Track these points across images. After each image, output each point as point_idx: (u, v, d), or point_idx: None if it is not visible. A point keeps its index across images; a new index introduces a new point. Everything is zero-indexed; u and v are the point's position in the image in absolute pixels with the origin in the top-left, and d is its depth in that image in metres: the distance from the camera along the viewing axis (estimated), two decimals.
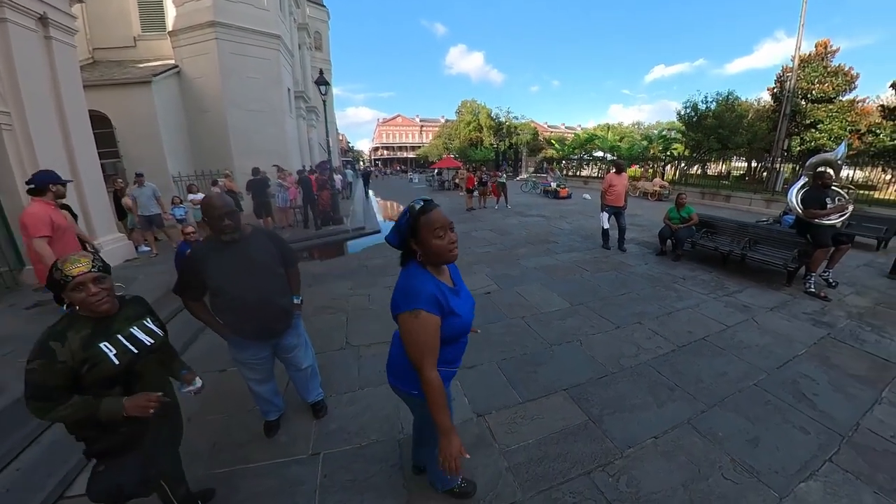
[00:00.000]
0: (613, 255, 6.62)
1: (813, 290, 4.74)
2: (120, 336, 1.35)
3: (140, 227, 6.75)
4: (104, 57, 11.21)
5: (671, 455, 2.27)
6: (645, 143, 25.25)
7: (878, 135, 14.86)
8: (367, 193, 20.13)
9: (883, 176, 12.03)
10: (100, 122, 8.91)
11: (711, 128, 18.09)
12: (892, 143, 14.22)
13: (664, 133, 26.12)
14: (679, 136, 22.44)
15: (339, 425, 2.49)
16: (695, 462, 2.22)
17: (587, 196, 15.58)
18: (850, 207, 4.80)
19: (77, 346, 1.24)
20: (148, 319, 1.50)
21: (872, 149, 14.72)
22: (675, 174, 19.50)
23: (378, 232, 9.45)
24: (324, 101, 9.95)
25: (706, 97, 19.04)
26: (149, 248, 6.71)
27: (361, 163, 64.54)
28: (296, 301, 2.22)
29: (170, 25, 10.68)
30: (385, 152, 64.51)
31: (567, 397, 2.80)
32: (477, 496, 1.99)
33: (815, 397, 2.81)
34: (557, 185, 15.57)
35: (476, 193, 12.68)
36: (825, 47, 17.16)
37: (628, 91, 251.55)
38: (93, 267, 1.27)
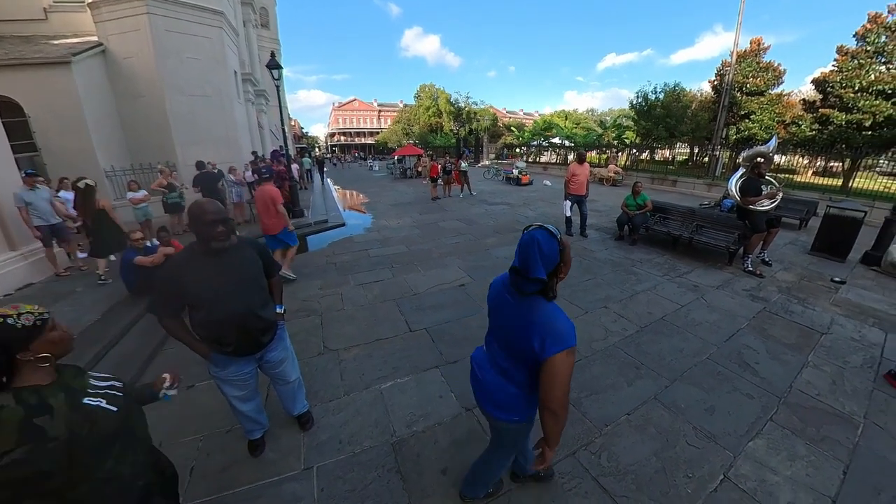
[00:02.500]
0: (577, 242, 6.95)
1: (751, 268, 5.32)
2: (89, 389, 1.13)
3: (44, 242, 5.18)
4: (7, 31, 9.74)
5: (643, 429, 2.51)
6: (599, 130, 26.42)
7: (800, 126, 16.63)
8: (323, 182, 19.50)
9: (802, 161, 13.60)
10: (9, 110, 7.79)
11: (660, 117, 19.40)
12: (811, 133, 15.99)
13: (618, 121, 27.45)
14: (631, 123, 23.67)
15: (330, 435, 2.46)
16: (663, 433, 2.47)
17: (548, 182, 16.09)
18: (780, 195, 5.39)
19: (67, 412, 1.01)
20: (89, 374, 1.24)
21: (795, 138, 16.46)
22: (627, 160, 20.68)
23: (342, 225, 9.16)
24: (277, 87, 9.31)
25: (655, 88, 20.31)
26: (86, 254, 6.05)
27: (317, 149, 61.70)
28: (279, 310, 2.14)
29: None
30: (342, 138, 62.00)
31: None
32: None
33: (757, 365, 3.20)
34: (519, 173, 15.90)
35: (440, 182, 12.65)
36: (758, 44, 18.77)
37: (582, 78, 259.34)
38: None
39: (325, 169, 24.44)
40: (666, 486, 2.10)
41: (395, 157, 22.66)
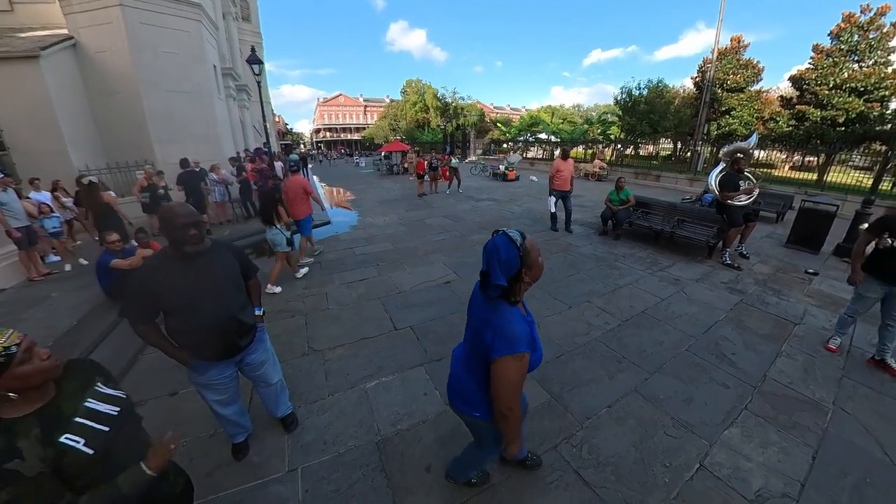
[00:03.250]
0: (561, 237, 7.03)
1: (729, 261, 5.47)
2: (78, 419, 1.04)
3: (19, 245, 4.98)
4: None
5: (623, 421, 2.57)
6: (585, 126, 26.67)
7: (777, 122, 17.10)
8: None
9: (780, 156, 14.00)
10: None
11: (644, 113, 19.68)
12: (788, 129, 16.46)
13: (603, 117, 27.76)
14: (616, 119, 23.96)
15: (314, 436, 2.45)
16: (642, 424, 2.53)
17: (534, 178, 16.19)
18: (757, 191, 5.54)
19: (38, 451, 0.93)
20: (99, 384, 1.16)
21: (773, 134, 16.91)
22: (612, 155, 20.96)
23: (328, 223, 9.06)
24: (258, 82, 9.10)
25: (639, 84, 20.55)
26: (59, 258, 5.86)
27: (302, 146, 60.70)
28: (258, 313, 2.11)
29: None
30: (328, 134, 61.06)
31: (531, 379, 3.00)
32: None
33: (733, 356, 3.31)
34: (506, 168, 15.96)
35: (427, 178, 12.60)
36: (738, 42, 19.17)
37: (568, 73, 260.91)
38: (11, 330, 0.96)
39: (309, 165, 24.10)
40: (644, 476, 2.16)
41: (382, 154, 22.44)
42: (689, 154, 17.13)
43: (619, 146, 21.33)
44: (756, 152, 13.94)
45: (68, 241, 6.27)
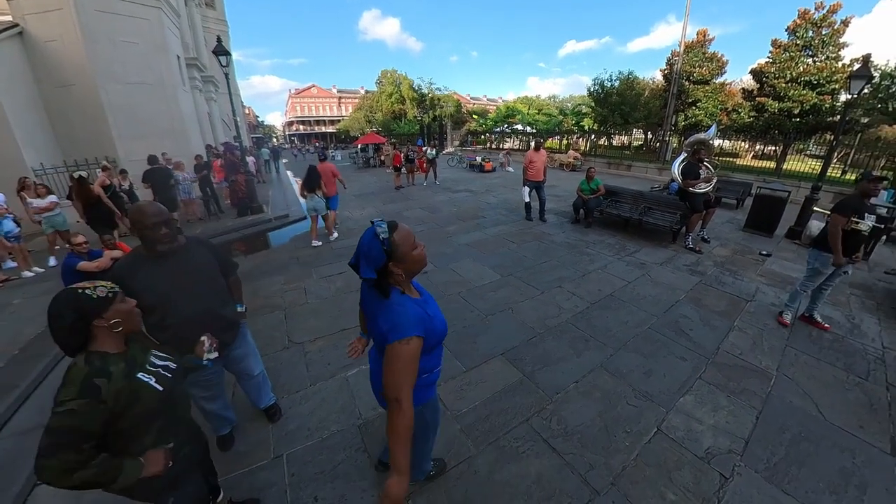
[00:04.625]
0: (536, 226, 7.24)
1: (691, 245, 5.82)
2: (148, 365, 1.30)
3: None
4: None
5: (589, 394, 2.77)
6: (560, 117, 27.10)
7: (739, 113, 17.93)
8: (277, 172, 18.95)
9: (743, 146, 14.74)
10: None
11: (616, 104, 20.19)
12: (749, 119, 17.31)
13: (577, 108, 28.24)
14: (589, 110, 24.43)
15: (298, 424, 2.52)
16: (606, 396, 2.74)
17: (510, 168, 16.41)
18: (715, 179, 5.89)
19: (121, 381, 1.16)
20: (154, 351, 1.40)
21: (736, 124, 17.75)
22: (586, 146, 21.44)
23: (304, 218, 8.95)
24: (226, 74, 8.79)
25: (611, 76, 21.01)
26: (16, 264, 5.58)
27: (274, 139, 58.82)
28: (240, 309, 2.15)
29: None
30: (301, 127, 59.37)
31: (504, 360, 3.17)
32: (435, 456, 2.23)
33: (691, 332, 3.58)
34: (482, 160, 16.10)
35: (404, 171, 12.58)
36: (704, 35, 19.81)
37: (544, 64, 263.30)
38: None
39: (283, 160, 23.47)
40: (607, 441, 2.36)
41: (359, 146, 22.10)
42: (658, 144, 17.76)
43: (593, 137, 21.84)
44: (721, 142, 14.67)
45: (25, 246, 5.92)
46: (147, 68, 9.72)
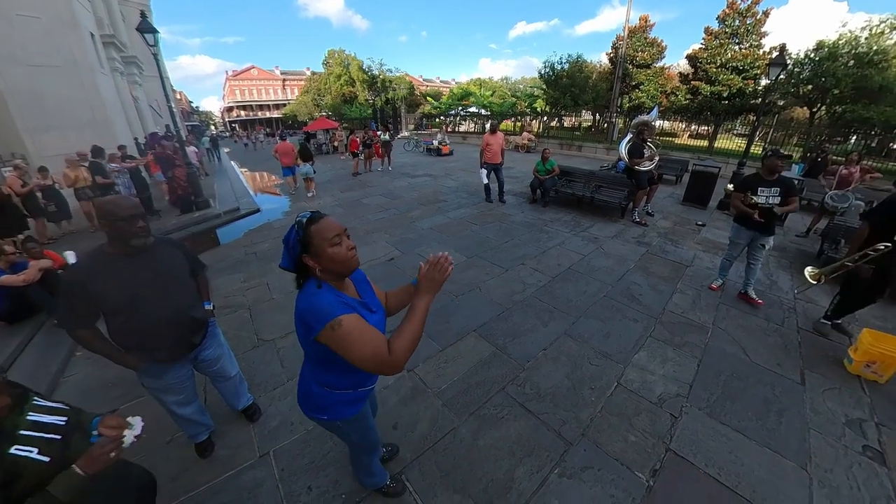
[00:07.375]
0: (496, 208, 7.45)
1: (637, 219, 6.33)
2: (24, 432, 1.03)
3: None
4: None
5: (556, 359, 3.01)
6: (513, 99, 27.45)
7: (677, 95, 19.28)
8: (220, 162, 17.75)
9: (680, 126, 15.96)
10: None
11: (566, 87, 20.84)
12: (685, 101, 18.70)
13: (530, 90, 28.71)
14: (540, 93, 24.98)
15: (280, 420, 2.49)
16: (572, 360, 3.00)
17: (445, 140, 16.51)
18: (657, 157, 6.40)
19: None
20: (36, 398, 1.16)
21: (674, 106, 19.10)
22: (539, 128, 22.02)
23: (257, 211, 8.49)
24: (154, 55, 7.91)
25: (561, 58, 21.56)
26: None
27: (213, 127, 54.25)
28: (208, 307, 2.07)
29: None
30: (242, 112, 55.05)
31: (477, 336, 3.33)
32: (422, 432, 2.35)
33: (640, 297, 3.96)
34: (440, 143, 16.03)
35: (361, 156, 12.25)
36: (646, 21, 20.84)
37: (495, 46, 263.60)
38: None
39: (225, 150, 21.81)
40: (576, 398, 2.61)
41: (307, 133, 20.89)
42: (605, 125, 18.71)
43: (545, 119, 22.48)
44: (662, 123, 15.78)
45: None
46: (54, 48, 8.48)
